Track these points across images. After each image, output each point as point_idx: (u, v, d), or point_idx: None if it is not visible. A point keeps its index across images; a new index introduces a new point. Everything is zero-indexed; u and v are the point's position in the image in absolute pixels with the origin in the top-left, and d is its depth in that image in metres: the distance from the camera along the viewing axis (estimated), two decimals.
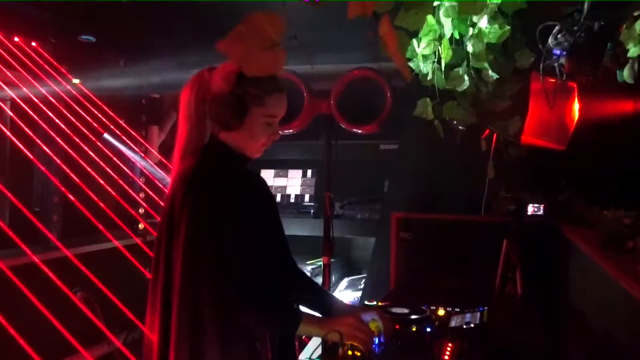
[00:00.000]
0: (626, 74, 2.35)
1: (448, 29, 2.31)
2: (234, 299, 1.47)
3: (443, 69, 2.51)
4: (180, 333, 1.50)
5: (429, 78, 2.56)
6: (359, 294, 4.02)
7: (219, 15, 2.71)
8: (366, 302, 2.12)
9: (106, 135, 3.75)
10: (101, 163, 3.62)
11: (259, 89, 1.57)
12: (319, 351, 2.71)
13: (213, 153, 1.62)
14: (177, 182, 1.59)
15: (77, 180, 3.42)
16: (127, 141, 3.93)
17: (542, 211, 2.90)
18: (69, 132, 3.63)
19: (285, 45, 1.46)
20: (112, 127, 3.85)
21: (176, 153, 1.66)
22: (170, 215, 1.56)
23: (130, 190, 3.74)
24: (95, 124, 3.73)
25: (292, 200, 4.87)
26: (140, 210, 4.02)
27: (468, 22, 2.31)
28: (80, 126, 3.65)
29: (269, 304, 1.53)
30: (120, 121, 3.97)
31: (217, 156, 1.62)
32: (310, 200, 4.81)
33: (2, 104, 3.32)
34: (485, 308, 2.09)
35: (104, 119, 3.80)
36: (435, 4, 2.26)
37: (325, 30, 3.27)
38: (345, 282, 4.47)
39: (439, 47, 2.39)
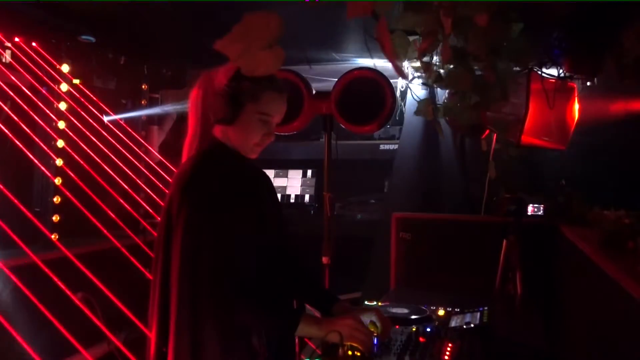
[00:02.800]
0: None
1: (448, 29, 2.30)
2: (232, 297, 1.47)
3: (443, 69, 2.50)
4: (179, 332, 1.50)
5: (429, 78, 2.56)
6: (359, 294, 4.01)
7: (219, 15, 2.71)
8: (366, 302, 2.12)
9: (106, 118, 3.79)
10: (101, 163, 3.62)
11: (255, 84, 1.57)
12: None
13: (210, 151, 1.62)
14: (175, 181, 1.60)
15: (78, 180, 3.42)
16: (127, 141, 3.93)
17: (542, 211, 2.91)
18: (69, 131, 3.63)
19: (284, 45, 1.46)
20: (111, 127, 3.86)
21: (184, 152, 1.67)
22: (169, 214, 1.56)
23: (130, 190, 3.73)
24: (95, 124, 3.74)
25: (292, 200, 4.87)
26: (140, 211, 4.01)
27: (468, 22, 2.31)
28: (80, 126, 3.66)
29: (268, 303, 1.53)
30: (121, 121, 3.97)
31: (214, 154, 1.62)
32: (310, 200, 4.81)
33: (2, 104, 3.32)
34: (485, 308, 2.09)
35: (104, 119, 3.81)
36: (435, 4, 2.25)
37: (325, 30, 3.27)
38: (344, 282, 4.46)
39: (439, 47, 2.39)
